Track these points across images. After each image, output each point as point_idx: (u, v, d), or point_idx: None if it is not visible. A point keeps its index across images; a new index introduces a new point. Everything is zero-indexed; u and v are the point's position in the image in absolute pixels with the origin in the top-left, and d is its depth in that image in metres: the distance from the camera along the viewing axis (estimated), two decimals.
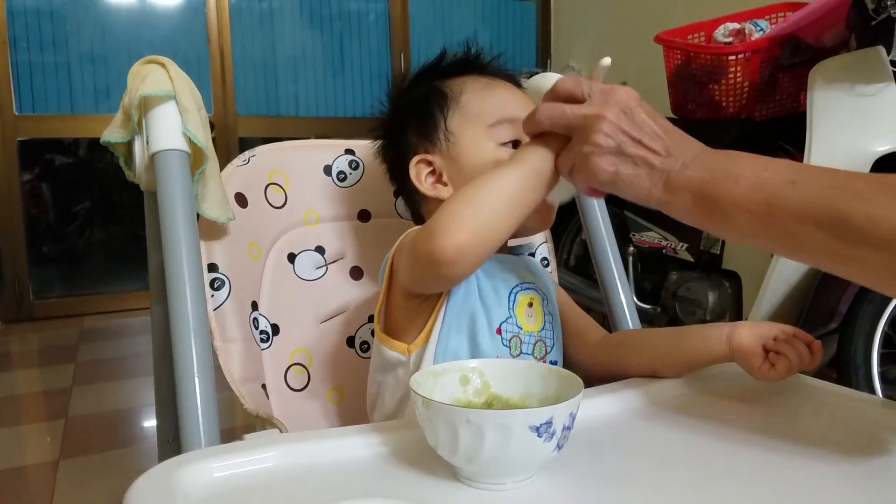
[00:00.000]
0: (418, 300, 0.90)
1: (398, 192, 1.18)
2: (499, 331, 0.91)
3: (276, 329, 1.12)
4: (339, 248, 1.20)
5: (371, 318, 1.17)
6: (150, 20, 4.33)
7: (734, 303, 2.48)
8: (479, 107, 0.96)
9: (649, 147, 0.74)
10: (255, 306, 1.09)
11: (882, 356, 2.02)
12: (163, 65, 0.92)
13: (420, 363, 0.88)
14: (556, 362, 0.96)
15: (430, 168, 0.97)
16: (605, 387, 0.88)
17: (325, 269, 1.19)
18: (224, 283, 1.02)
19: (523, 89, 1.05)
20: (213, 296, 1.01)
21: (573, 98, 0.79)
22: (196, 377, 0.82)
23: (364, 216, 1.22)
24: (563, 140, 0.80)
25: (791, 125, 2.34)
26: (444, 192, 0.96)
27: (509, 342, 0.91)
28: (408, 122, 1.00)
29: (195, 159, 0.93)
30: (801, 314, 2.10)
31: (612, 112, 0.75)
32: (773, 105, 2.47)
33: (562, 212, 1.01)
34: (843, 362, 2.03)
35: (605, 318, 1.20)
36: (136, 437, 2.55)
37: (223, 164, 1.06)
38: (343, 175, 1.21)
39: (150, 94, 0.88)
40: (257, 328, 1.09)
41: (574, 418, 0.64)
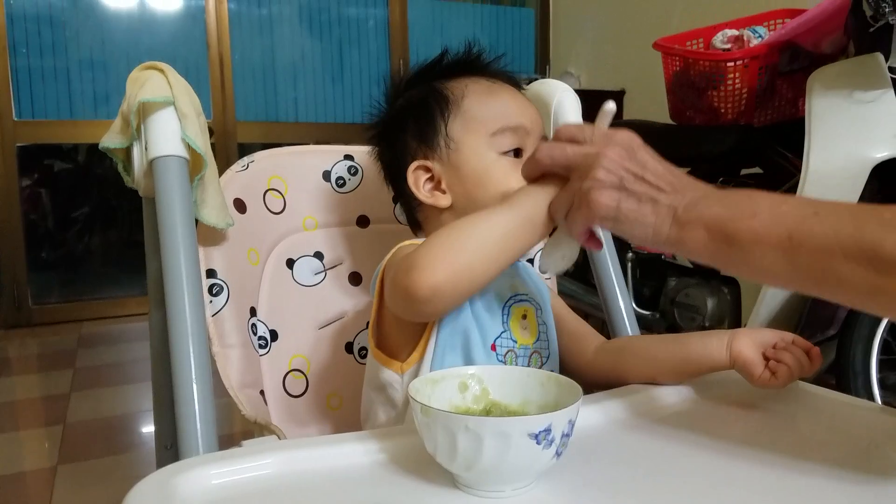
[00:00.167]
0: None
1: (395, 197, 1.17)
2: (493, 347, 0.90)
3: (274, 335, 1.12)
4: (338, 253, 1.20)
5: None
6: (149, 26, 4.34)
7: (733, 309, 2.48)
8: (482, 113, 0.93)
9: (653, 183, 0.73)
10: (253, 312, 1.09)
11: (881, 362, 2.02)
12: (162, 71, 0.92)
13: None
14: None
15: (428, 174, 0.94)
16: (605, 393, 0.88)
17: (323, 274, 1.19)
18: (223, 288, 1.02)
19: (524, 91, 1.03)
20: (211, 301, 1.01)
21: (575, 141, 0.78)
22: (194, 383, 0.82)
23: (363, 222, 1.22)
24: (560, 185, 0.79)
25: (790, 131, 2.34)
26: (443, 200, 0.94)
27: (504, 357, 0.91)
28: (406, 125, 0.97)
29: (194, 165, 0.93)
30: (800, 320, 2.10)
31: (614, 150, 0.74)
32: (771, 111, 2.47)
33: None
34: (842, 369, 2.03)
35: (604, 323, 1.20)
36: (134, 442, 2.55)
37: (222, 170, 1.06)
38: (342, 181, 1.21)
39: (148, 100, 0.88)
40: (256, 334, 1.08)
41: (573, 425, 0.63)
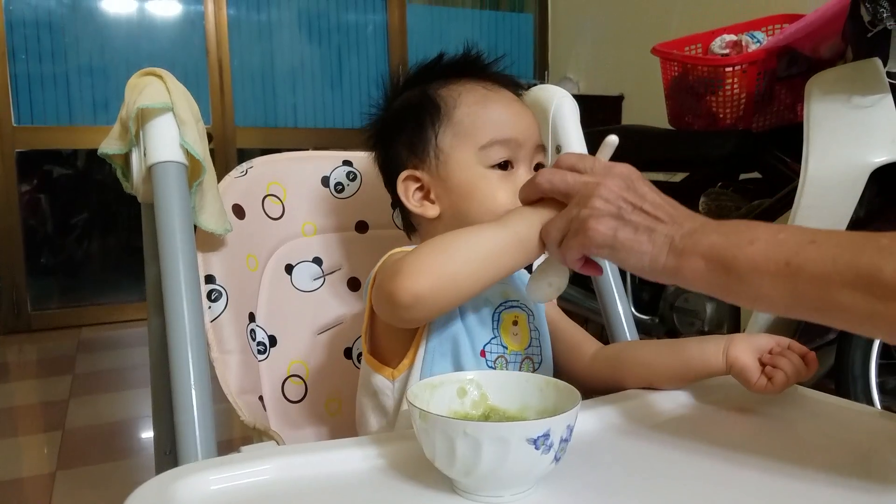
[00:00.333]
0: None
1: (393, 202, 1.17)
2: (483, 353, 0.90)
3: (273, 340, 1.12)
4: (337, 259, 1.20)
5: None
6: (148, 32, 4.34)
7: (732, 314, 2.48)
8: (472, 125, 0.92)
9: (650, 213, 0.74)
10: (252, 318, 1.09)
11: (880, 367, 2.01)
12: (160, 77, 0.92)
13: (405, 389, 0.88)
14: None
15: (418, 184, 0.95)
16: (603, 398, 0.88)
17: (322, 280, 1.19)
18: (221, 294, 1.02)
19: (522, 94, 1.03)
20: (210, 307, 1.01)
21: (575, 170, 0.79)
22: (193, 389, 0.82)
23: (361, 227, 1.22)
24: (555, 211, 0.80)
25: (788, 136, 2.34)
26: (431, 211, 0.94)
27: (494, 363, 0.91)
28: (399, 132, 0.98)
29: (193, 171, 0.93)
30: (799, 325, 2.09)
31: (613, 181, 0.75)
32: (770, 116, 2.47)
33: None
34: (842, 373, 2.03)
35: (603, 328, 1.20)
36: (133, 448, 2.55)
37: (221, 176, 1.06)
38: (341, 186, 1.21)
39: (147, 106, 0.89)
40: (254, 339, 1.08)
41: (572, 430, 0.63)
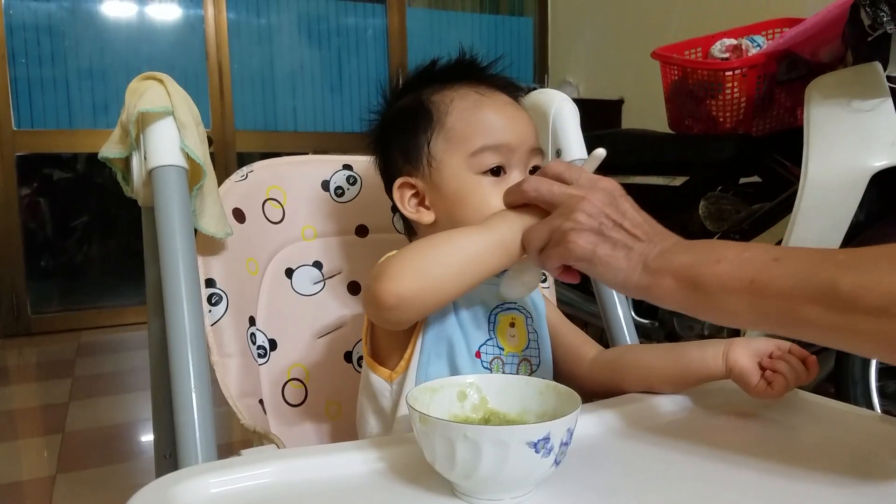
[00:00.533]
0: None
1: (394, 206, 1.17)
2: (478, 354, 0.90)
3: (273, 344, 1.12)
4: (337, 263, 1.20)
5: None
6: (148, 36, 4.34)
7: None
8: (464, 132, 0.92)
9: (630, 231, 0.76)
10: (252, 321, 1.09)
11: (880, 371, 2.01)
12: (161, 81, 0.92)
13: (402, 391, 0.88)
14: None
15: (413, 190, 0.96)
16: (603, 402, 0.88)
17: (322, 284, 1.19)
18: (222, 298, 1.02)
19: (520, 95, 1.02)
20: (210, 311, 1.01)
21: (562, 180, 0.80)
22: (193, 392, 0.82)
23: (362, 231, 1.22)
24: (538, 217, 0.81)
25: (788, 140, 2.34)
26: (426, 217, 0.95)
27: (490, 364, 0.91)
28: (394, 139, 0.98)
29: (193, 175, 0.93)
30: None
31: (598, 196, 0.77)
32: (770, 120, 2.47)
33: None
34: (842, 377, 2.03)
35: (603, 332, 1.20)
36: (133, 451, 2.54)
37: (221, 180, 1.06)
38: (341, 190, 1.21)
39: (148, 110, 0.89)
40: (255, 343, 1.08)
41: (572, 434, 0.64)
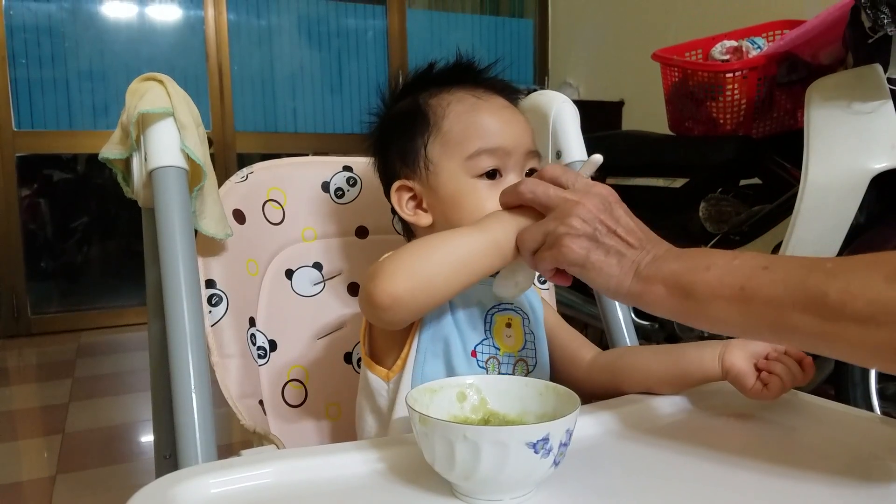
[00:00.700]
0: None
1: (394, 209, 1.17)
2: (474, 353, 0.91)
3: (273, 345, 1.12)
4: (337, 264, 1.20)
5: None
6: (148, 37, 4.34)
7: None
8: (460, 135, 0.92)
9: (623, 238, 0.76)
10: (252, 322, 1.09)
11: (879, 373, 2.01)
12: (161, 82, 0.92)
13: (398, 390, 0.88)
14: None
15: (410, 193, 0.96)
16: (602, 403, 0.88)
17: (322, 285, 1.19)
18: (222, 299, 1.02)
19: (517, 97, 1.03)
20: (210, 312, 1.01)
21: (558, 183, 0.81)
22: (193, 393, 0.82)
23: (362, 232, 1.23)
24: (532, 219, 0.81)
25: (788, 142, 2.34)
26: (424, 220, 0.95)
27: (486, 363, 0.91)
28: (392, 142, 0.98)
29: (193, 176, 0.93)
30: None
31: (593, 202, 0.77)
32: (770, 122, 2.47)
33: None
34: (841, 379, 2.02)
35: (603, 334, 1.20)
36: (133, 452, 2.54)
37: (221, 181, 1.06)
38: (341, 191, 1.21)
39: (148, 111, 0.89)
40: (255, 344, 1.09)
41: (571, 435, 0.64)
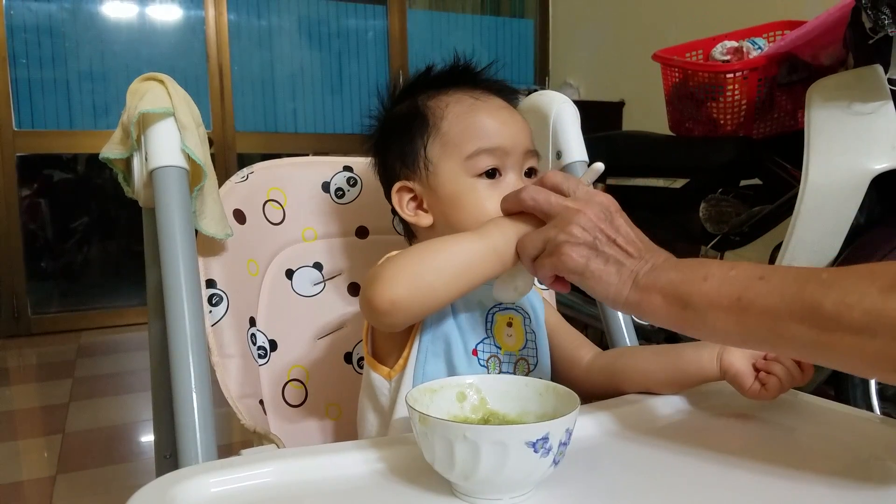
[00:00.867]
0: None
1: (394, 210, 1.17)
2: (475, 352, 0.91)
3: (273, 345, 1.12)
4: (337, 264, 1.20)
5: None
6: (149, 37, 4.34)
7: None
8: (459, 136, 0.93)
9: (622, 247, 0.77)
10: (252, 322, 1.09)
11: None
12: (161, 82, 0.92)
13: (399, 389, 0.88)
14: None
15: (411, 194, 0.96)
16: (601, 403, 0.88)
17: (322, 285, 1.19)
18: (222, 298, 1.03)
19: (516, 98, 1.03)
20: (210, 311, 1.01)
21: (559, 191, 0.81)
22: (193, 392, 0.82)
23: (362, 233, 1.23)
24: (532, 225, 0.82)
25: (789, 143, 2.34)
26: (425, 220, 0.95)
27: (487, 362, 0.91)
28: (392, 144, 0.99)
29: (193, 176, 0.93)
30: None
31: (593, 210, 0.77)
32: (770, 123, 2.47)
33: None
34: (841, 379, 2.02)
35: (603, 334, 1.20)
36: (133, 452, 2.54)
37: (221, 181, 1.07)
38: (341, 192, 1.21)
39: (148, 111, 0.89)
40: (255, 344, 1.09)
41: (570, 434, 0.64)
